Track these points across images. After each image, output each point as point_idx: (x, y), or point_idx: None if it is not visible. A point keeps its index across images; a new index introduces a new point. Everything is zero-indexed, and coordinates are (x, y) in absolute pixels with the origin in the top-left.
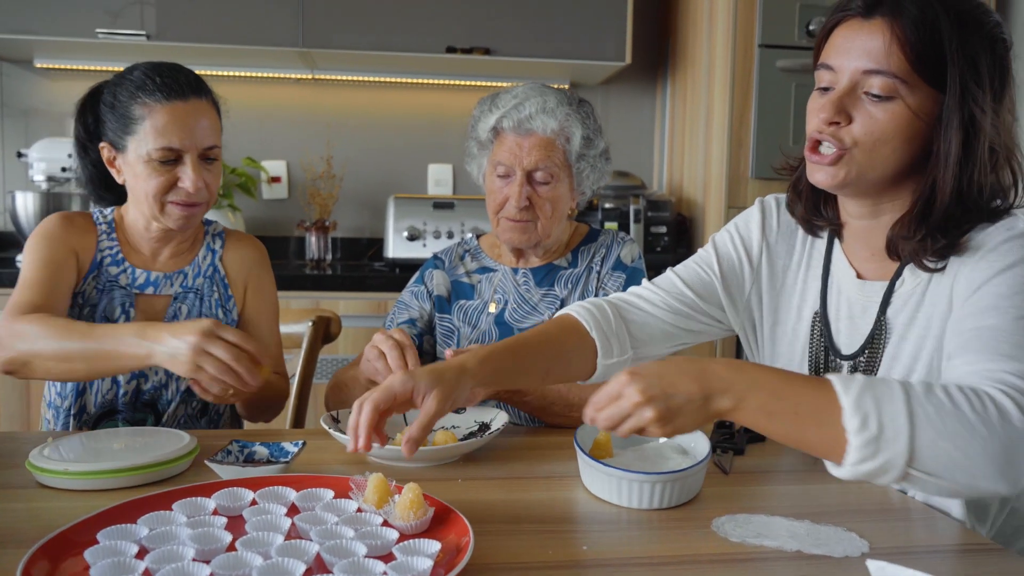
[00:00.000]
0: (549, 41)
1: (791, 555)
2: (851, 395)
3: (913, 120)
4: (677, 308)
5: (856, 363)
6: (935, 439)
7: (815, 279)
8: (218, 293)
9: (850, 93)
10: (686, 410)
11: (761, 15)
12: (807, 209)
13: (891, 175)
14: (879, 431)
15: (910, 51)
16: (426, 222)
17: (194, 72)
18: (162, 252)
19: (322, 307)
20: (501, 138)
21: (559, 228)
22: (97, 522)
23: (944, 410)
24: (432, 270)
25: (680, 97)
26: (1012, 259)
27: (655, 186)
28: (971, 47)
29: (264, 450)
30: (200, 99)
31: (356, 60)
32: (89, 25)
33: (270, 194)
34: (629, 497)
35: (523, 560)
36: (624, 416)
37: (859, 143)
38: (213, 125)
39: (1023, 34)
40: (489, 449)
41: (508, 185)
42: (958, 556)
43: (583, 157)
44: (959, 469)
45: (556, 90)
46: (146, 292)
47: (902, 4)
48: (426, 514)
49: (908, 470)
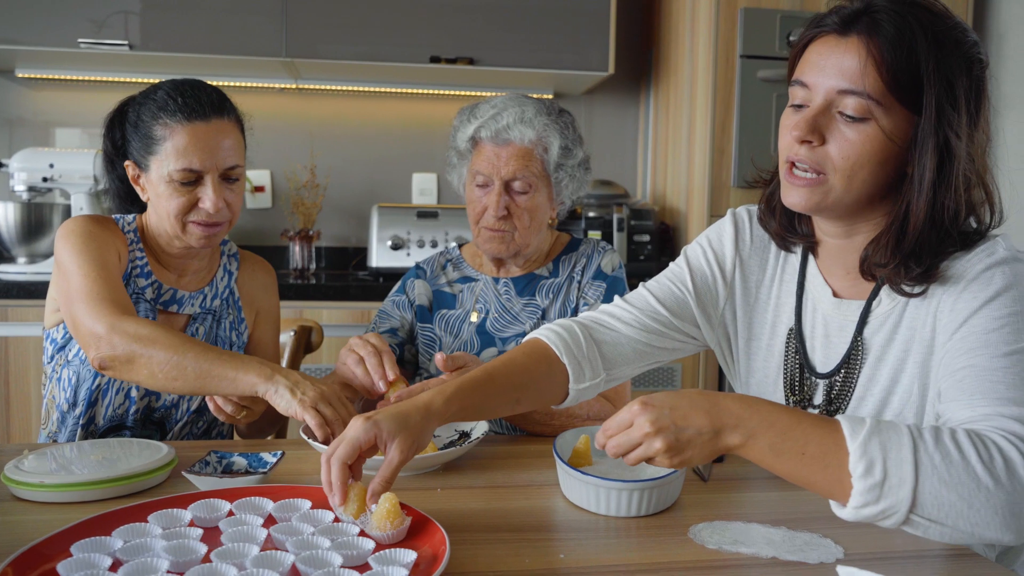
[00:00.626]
0: (533, 51)
1: (766, 562)
2: (858, 440)
3: (887, 143)
4: (650, 326)
5: (832, 382)
6: (939, 489)
7: (789, 295)
8: (232, 316)
9: (824, 112)
10: (695, 443)
11: (742, 26)
12: (781, 225)
13: (866, 197)
14: (883, 478)
15: (886, 72)
16: (410, 231)
17: (219, 90)
18: (186, 270)
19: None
20: (479, 148)
21: (538, 238)
22: (71, 535)
23: (951, 460)
24: (414, 280)
25: (663, 107)
26: (994, 289)
27: (638, 195)
28: (948, 68)
29: (242, 461)
30: (222, 119)
31: (340, 70)
32: (72, 35)
33: (254, 204)
34: (607, 505)
35: (499, 569)
36: (633, 445)
37: (837, 168)
38: (235, 144)
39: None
40: (469, 458)
41: (487, 195)
42: (931, 561)
43: (561, 167)
44: (962, 519)
45: (535, 100)
46: (170, 309)
47: (879, 23)
48: (403, 524)
49: (911, 516)
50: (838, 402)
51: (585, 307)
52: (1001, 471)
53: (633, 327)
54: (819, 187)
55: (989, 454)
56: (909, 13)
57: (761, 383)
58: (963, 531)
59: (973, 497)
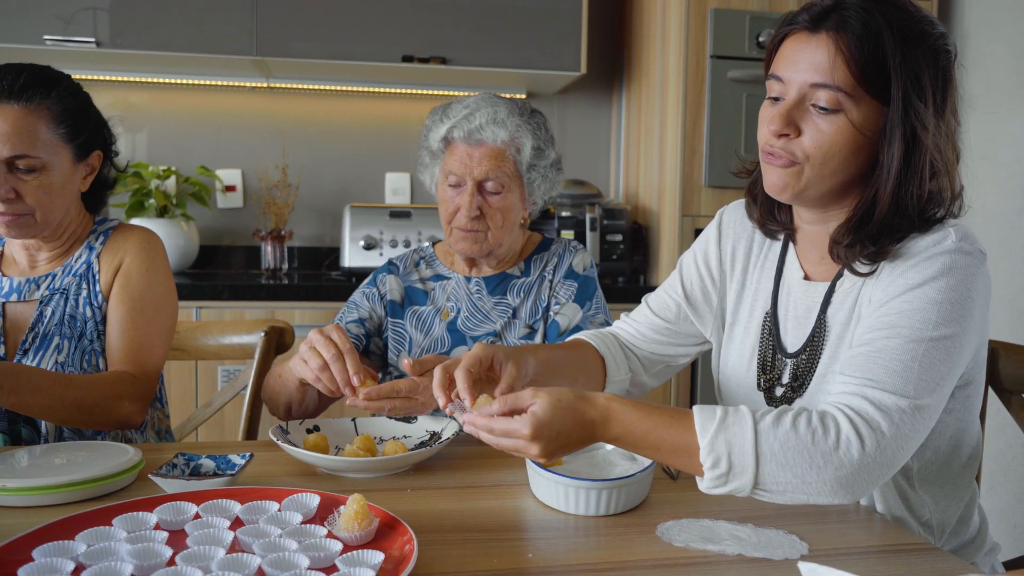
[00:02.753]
0: (505, 51)
1: (732, 558)
2: (707, 437)
3: (857, 133)
4: (652, 337)
5: (798, 360)
6: (776, 471)
7: (768, 279)
8: (87, 290)
9: (798, 105)
10: (571, 450)
11: (712, 27)
12: (762, 214)
13: (839, 185)
14: (728, 468)
15: (854, 66)
16: (383, 231)
17: (41, 73)
18: (37, 258)
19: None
20: (452, 148)
21: (511, 237)
22: (33, 539)
23: (787, 444)
24: (386, 275)
25: (635, 107)
26: (927, 275)
27: (611, 195)
28: (914, 61)
29: (210, 463)
30: (13, 104)
31: (312, 69)
32: (37, 32)
33: (225, 203)
34: (576, 504)
35: (467, 569)
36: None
37: (810, 157)
38: (25, 134)
39: (963, 53)
40: (439, 459)
41: (459, 195)
42: (893, 556)
43: (534, 167)
44: (799, 492)
45: (507, 100)
46: (11, 300)
47: (847, 19)
48: (371, 525)
49: (755, 491)
50: (802, 379)
51: (556, 306)
52: (831, 448)
53: (640, 339)
54: (794, 168)
55: (825, 432)
56: (876, 9)
57: (736, 364)
58: (801, 500)
59: (806, 474)
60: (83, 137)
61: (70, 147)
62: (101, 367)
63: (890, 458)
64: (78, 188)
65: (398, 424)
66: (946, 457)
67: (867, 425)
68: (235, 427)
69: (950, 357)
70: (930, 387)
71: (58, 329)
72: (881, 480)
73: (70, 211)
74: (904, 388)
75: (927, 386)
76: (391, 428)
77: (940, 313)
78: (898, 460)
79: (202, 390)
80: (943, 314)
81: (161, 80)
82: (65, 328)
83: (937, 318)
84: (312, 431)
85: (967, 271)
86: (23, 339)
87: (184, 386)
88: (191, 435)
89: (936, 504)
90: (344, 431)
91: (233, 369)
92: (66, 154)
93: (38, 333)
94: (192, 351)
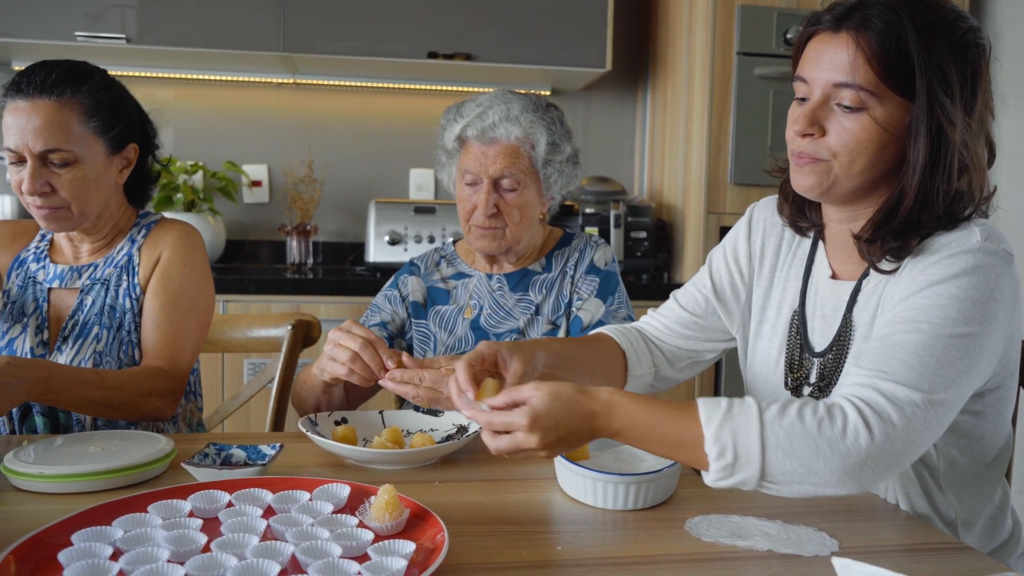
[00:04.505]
0: (530, 47)
1: (762, 554)
2: (712, 427)
3: (882, 131)
4: (680, 331)
5: (824, 360)
6: (783, 461)
7: (796, 278)
8: (127, 282)
9: (823, 105)
10: (573, 444)
11: (739, 23)
12: (792, 212)
13: (868, 182)
14: (734, 459)
15: (876, 64)
16: (407, 227)
17: (69, 68)
18: (80, 248)
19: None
20: (467, 147)
21: (529, 234)
22: (71, 525)
23: (793, 433)
24: (407, 276)
25: (660, 103)
26: (949, 272)
27: (635, 191)
28: (939, 56)
29: (241, 453)
30: (46, 98)
31: (338, 65)
32: (68, 28)
33: (251, 198)
34: (604, 498)
35: (497, 561)
36: (519, 452)
37: (837, 156)
38: (53, 127)
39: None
40: (466, 451)
41: (476, 193)
42: (926, 554)
43: (549, 163)
44: (805, 482)
45: (521, 96)
46: (54, 286)
47: (868, 18)
48: (401, 515)
49: (762, 484)
50: (828, 378)
51: (579, 301)
52: (838, 437)
53: (667, 333)
54: (822, 166)
55: (831, 422)
56: (900, 6)
57: (764, 363)
58: (808, 492)
59: (812, 463)
60: (117, 130)
61: (103, 140)
62: (137, 359)
63: (899, 450)
64: (115, 181)
65: (425, 417)
66: (975, 459)
67: (876, 415)
68: (261, 419)
69: (969, 355)
70: (946, 383)
71: (98, 319)
72: (890, 472)
73: (109, 204)
74: (918, 382)
75: (943, 382)
76: (418, 421)
77: (961, 311)
78: (908, 453)
79: (228, 382)
80: (964, 312)
81: (189, 76)
82: (104, 318)
83: (958, 315)
84: (340, 423)
85: (991, 271)
86: (63, 326)
87: (211, 378)
88: (218, 426)
89: (962, 504)
90: (372, 424)
91: (259, 362)
92: (99, 147)
93: (78, 321)
94: (220, 344)
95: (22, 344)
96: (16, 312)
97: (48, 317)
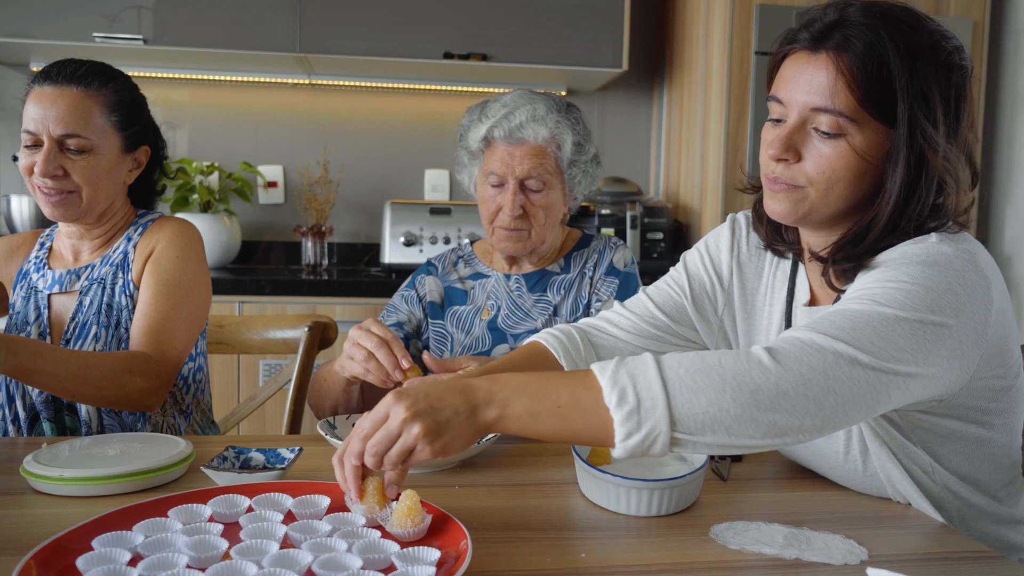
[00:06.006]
0: (546, 47)
1: (790, 563)
2: (607, 374)
3: (860, 159)
4: (648, 331)
5: None
6: (689, 398)
7: (780, 301)
8: (123, 279)
9: (799, 129)
10: (453, 424)
11: (757, 22)
12: (769, 233)
13: (845, 209)
14: (637, 402)
15: (857, 89)
16: (423, 228)
17: (97, 65)
18: (81, 249)
19: (319, 312)
20: (492, 147)
21: (553, 234)
22: (92, 529)
23: (694, 368)
24: (424, 276)
25: (677, 104)
26: (904, 268)
27: (652, 192)
28: (922, 80)
29: (260, 456)
30: (72, 87)
31: (353, 65)
32: (86, 29)
33: (266, 199)
34: (627, 504)
35: (520, 568)
36: (392, 438)
37: (813, 183)
38: (75, 113)
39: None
40: (486, 455)
41: (501, 194)
42: (959, 563)
43: (575, 163)
44: (719, 427)
45: (544, 96)
46: (54, 291)
47: (849, 38)
48: (423, 521)
49: (674, 435)
50: None
51: (598, 303)
52: (743, 367)
53: (631, 333)
54: (797, 193)
55: (736, 358)
56: (881, 25)
57: None
58: (723, 440)
59: (720, 400)
60: (134, 129)
61: (120, 136)
62: None
63: (817, 394)
64: (124, 179)
65: None
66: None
67: (784, 353)
68: (276, 421)
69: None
70: (885, 351)
71: (96, 318)
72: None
73: (115, 202)
74: (847, 337)
75: (880, 349)
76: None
77: (914, 297)
78: (831, 404)
79: (244, 384)
80: (918, 298)
81: (205, 77)
82: (102, 317)
83: (912, 302)
84: None
85: (950, 266)
86: (65, 329)
87: (227, 380)
88: (233, 428)
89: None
90: None
91: (275, 364)
92: (116, 142)
93: (78, 323)
94: (236, 345)
95: None
96: (20, 323)
97: (50, 323)
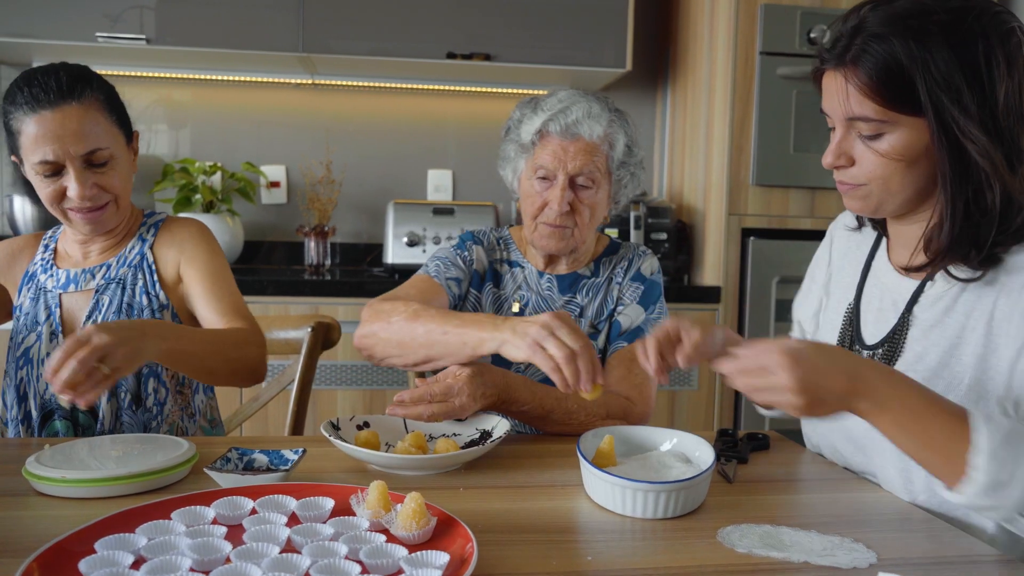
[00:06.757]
0: (550, 47)
1: (798, 566)
2: (995, 440)
3: (905, 151)
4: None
5: (875, 354)
6: None
7: (855, 272)
8: (143, 280)
9: (846, 137)
10: (828, 402)
11: (762, 22)
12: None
13: (913, 195)
14: (1010, 479)
15: (877, 95)
16: (426, 228)
17: (73, 70)
18: (91, 250)
19: (321, 313)
20: (545, 141)
21: (591, 237)
22: (95, 531)
23: None
24: (472, 243)
25: (680, 104)
26: None
27: (655, 193)
28: (938, 65)
29: (263, 458)
30: (71, 103)
31: (356, 65)
32: (89, 29)
33: (269, 199)
34: (633, 506)
35: (526, 571)
36: (767, 390)
37: (870, 181)
38: (90, 128)
39: None
40: (491, 457)
41: (548, 189)
42: (965, 568)
43: (624, 165)
44: None
45: (598, 96)
46: (68, 291)
47: (859, 53)
48: (428, 524)
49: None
50: None
51: (620, 307)
52: None
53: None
54: (861, 191)
55: None
56: (889, 29)
57: None
58: None
59: None
60: (126, 121)
61: (122, 132)
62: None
63: None
64: (133, 171)
65: (448, 422)
66: None
67: None
68: (279, 421)
69: None
70: None
71: (115, 317)
72: None
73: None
74: None
75: None
76: (441, 426)
77: None
78: None
79: None
80: None
81: (207, 76)
82: (122, 316)
83: None
84: (363, 427)
85: None
86: (80, 327)
87: None
88: (236, 429)
89: None
90: (395, 428)
91: (278, 364)
92: (122, 139)
93: (95, 321)
94: None
95: (38, 351)
96: (30, 323)
97: (62, 321)
